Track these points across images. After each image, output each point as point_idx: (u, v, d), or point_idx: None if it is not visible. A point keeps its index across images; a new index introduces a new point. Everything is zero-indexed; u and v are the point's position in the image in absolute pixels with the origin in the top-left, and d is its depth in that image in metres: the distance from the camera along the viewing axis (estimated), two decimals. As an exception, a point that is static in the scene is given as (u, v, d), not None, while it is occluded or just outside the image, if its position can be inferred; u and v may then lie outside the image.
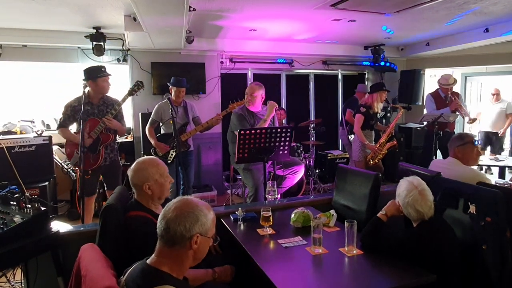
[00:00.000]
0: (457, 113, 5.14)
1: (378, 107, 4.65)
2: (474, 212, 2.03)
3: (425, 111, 5.48)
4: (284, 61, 6.29)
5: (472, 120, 5.24)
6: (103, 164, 3.59)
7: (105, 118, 3.46)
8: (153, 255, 1.35)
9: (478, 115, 6.06)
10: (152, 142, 4.08)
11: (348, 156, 6.00)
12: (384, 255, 1.91)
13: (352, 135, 5.01)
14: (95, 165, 3.52)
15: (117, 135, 3.76)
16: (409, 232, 2.04)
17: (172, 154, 4.00)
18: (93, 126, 3.48)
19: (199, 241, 1.33)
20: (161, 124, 4.19)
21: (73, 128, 3.68)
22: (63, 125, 3.59)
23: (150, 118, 4.17)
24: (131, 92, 3.60)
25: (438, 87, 5.32)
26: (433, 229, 1.94)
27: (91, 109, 3.54)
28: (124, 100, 3.57)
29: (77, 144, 3.42)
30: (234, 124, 3.71)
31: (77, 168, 3.60)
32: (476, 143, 2.73)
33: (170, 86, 4.17)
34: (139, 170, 1.96)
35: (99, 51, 4.67)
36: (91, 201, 3.72)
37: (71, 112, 3.53)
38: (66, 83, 5.50)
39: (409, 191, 1.98)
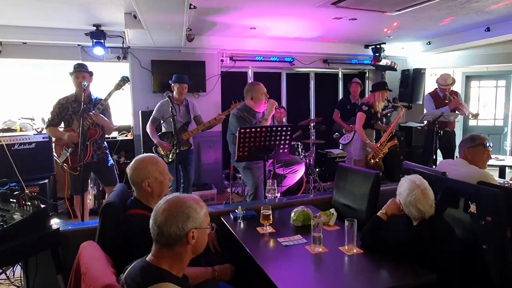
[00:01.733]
0: (457, 112, 5.13)
1: (380, 106, 4.65)
2: (475, 212, 2.03)
3: (425, 111, 5.48)
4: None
5: (475, 116, 5.25)
6: (91, 161, 3.61)
7: (92, 113, 3.50)
8: (151, 254, 1.35)
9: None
10: (155, 141, 4.07)
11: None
12: (384, 254, 1.91)
13: (337, 134, 5.22)
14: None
15: (105, 133, 3.77)
16: (409, 231, 2.03)
17: (173, 154, 4.00)
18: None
19: (196, 235, 1.34)
20: (162, 122, 4.18)
21: (60, 129, 3.72)
22: (51, 124, 3.64)
23: (152, 116, 4.16)
24: (117, 87, 3.63)
25: (437, 87, 5.32)
26: (433, 228, 1.94)
27: (78, 107, 3.58)
28: (110, 94, 3.60)
29: (65, 142, 3.55)
30: (234, 126, 3.66)
31: (65, 165, 3.65)
32: (488, 145, 2.64)
33: (172, 84, 4.15)
34: (138, 168, 1.95)
35: (99, 48, 4.66)
36: (84, 198, 3.70)
37: (59, 110, 3.61)
38: (67, 81, 5.48)
39: (411, 190, 1.98)
